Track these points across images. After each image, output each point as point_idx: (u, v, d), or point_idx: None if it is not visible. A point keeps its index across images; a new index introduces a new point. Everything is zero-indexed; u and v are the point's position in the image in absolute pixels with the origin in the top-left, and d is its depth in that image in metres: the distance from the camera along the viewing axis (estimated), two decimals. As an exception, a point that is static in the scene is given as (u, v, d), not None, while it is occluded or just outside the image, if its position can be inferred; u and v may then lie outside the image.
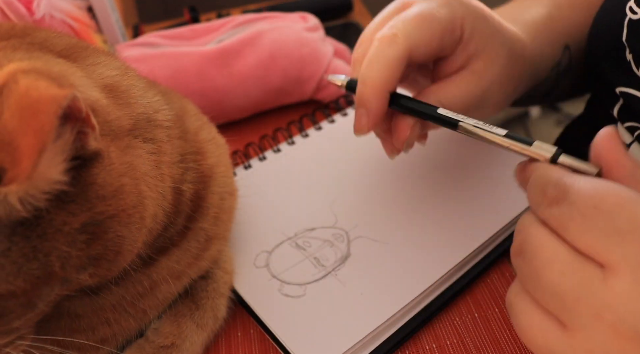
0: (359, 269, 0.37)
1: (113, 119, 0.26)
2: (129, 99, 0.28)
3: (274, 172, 0.46)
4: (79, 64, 0.27)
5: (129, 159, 0.25)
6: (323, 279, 0.36)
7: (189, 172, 0.32)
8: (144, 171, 0.26)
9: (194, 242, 0.33)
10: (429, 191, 0.41)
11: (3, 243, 0.21)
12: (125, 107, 0.27)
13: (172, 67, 0.50)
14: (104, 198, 0.23)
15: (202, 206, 0.33)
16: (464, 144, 0.45)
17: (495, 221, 0.38)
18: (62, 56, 0.27)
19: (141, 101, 0.29)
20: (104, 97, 0.26)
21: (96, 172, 0.23)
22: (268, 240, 0.40)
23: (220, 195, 0.35)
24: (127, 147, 0.26)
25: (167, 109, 0.31)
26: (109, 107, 0.26)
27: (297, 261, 0.38)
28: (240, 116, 0.54)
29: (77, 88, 0.23)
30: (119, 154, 0.25)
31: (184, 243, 0.32)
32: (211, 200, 0.34)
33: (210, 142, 0.35)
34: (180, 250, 0.32)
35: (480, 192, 0.40)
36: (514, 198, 0.39)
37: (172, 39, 0.54)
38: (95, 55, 0.29)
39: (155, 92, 0.32)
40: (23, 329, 0.24)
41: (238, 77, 0.51)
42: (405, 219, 0.39)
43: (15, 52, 0.24)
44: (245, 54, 0.52)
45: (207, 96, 0.51)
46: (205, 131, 0.36)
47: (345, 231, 0.39)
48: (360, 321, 0.33)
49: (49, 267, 0.22)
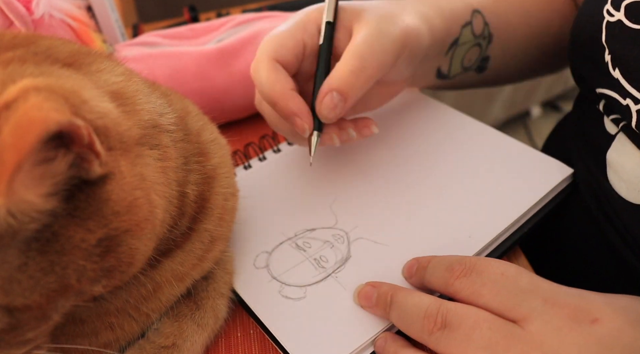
0: (359, 272, 0.37)
1: (124, 131, 0.26)
2: (135, 105, 0.28)
3: (274, 172, 0.46)
4: (85, 72, 0.27)
5: (139, 170, 0.25)
6: (323, 281, 0.36)
7: (192, 174, 0.32)
8: (153, 180, 0.26)
9: (198, 243, 0.33)
10: (430, 193, 0.41)
11: (19, 258, 0.21)
12: (133, 115, 0.27)
13: (172, 66, 0.50)
14: (118, 214, 0.24)
15: (206, 207, 0.33)
16: (465, 147, 0.45)
17: (497, 222, 0.38)
18: (67, 64, 0.27)
19: (147, 106, 0.29)
20: (114, 106, 0.26)
21: (110, 189, 0.23)
22: (268, 240, 0.40)
23: (224, 196, 0.35)
24: (136, 158, 0.26)
25: (170, 112, 0.31)
26: (119, 118, 0.26)
27: (297, 262, 0.38)
28: (240, 115, 0.54)
29: (88, 104, 0.23)
30: (129, 167, 0.25)
31: (187, 245, 0.32)
32: (215, 201, 0.34)
33: (212, 143, 0.35)
34: (184, 252, 0.32)
35: (481, 194, 0.41)
36: (516, 200, 0.39)
37: (171, 38, 0.54)
38: (99, 61, 0.29)
39: (158, 94, 0.31)
40: (39, 339, 0.24)
41: (238, 76, 0.51)
42: (406, 221, 0.39)
43: (25, 65, 0.24)
44: (245, 53, 0.52)
45: (206, 95, 0.51)
46: (207, 132, 0.36)
47: (346, 231, 0.39)
48: (361, 325, 0.33)
49: (66, 280, 0.23)
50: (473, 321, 0.28)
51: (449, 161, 0.44)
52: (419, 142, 0.46)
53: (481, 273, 0.30)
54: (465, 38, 0.45)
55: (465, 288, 0.30)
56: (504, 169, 0.42)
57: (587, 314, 0.27)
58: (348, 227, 0.40)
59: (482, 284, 0.29)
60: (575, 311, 0.27)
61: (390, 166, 0.44)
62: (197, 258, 0.33)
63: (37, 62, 0.25)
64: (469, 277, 0.30)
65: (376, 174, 0.44)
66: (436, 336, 0.29)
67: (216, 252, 0.35)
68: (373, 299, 0.33)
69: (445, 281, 0.31)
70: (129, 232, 0.24)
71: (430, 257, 0.34)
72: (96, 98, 0.25)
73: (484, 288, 0.29)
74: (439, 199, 0.41)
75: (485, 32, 0.46)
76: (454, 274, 0.31)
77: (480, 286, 0.29)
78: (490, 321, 0.28)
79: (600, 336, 0.26)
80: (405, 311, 0.31)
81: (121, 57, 0.49)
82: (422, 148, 0.45)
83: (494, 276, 0.29)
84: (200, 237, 0.33)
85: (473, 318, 0.28)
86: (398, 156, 0.45)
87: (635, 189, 0.35)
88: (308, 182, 0.44)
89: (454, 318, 0.29)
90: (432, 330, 0.29)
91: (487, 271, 0.30)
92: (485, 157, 0.43)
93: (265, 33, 0.52)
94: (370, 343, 0.33)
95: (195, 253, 0.33)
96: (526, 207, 0.39)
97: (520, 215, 0.38)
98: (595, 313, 0.27)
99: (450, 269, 0.31)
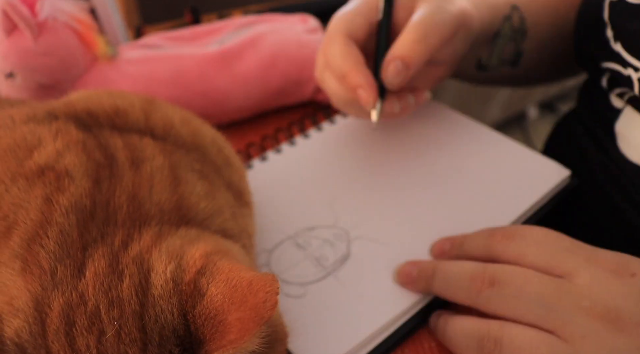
0: (359, 270, 0.37)
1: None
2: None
3: (275, 172, 0.46)
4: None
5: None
6: (323, 280, 0.37)
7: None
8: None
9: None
10: (430, 192, 0.42)
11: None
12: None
13: (174, 69, 0.50)
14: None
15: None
16: (467, 147, 0.45)
17: (495, 223, 0.38)
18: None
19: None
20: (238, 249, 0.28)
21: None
22: (269, 239, 0.40)
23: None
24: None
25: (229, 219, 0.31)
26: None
27: (297, 261, 0.38)
28: (241, 116, 0.54)
29: (237, 258, 0.25)
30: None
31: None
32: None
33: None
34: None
35: (479, 195, 0.41)
36: (514, 201, 0.40)
37: (173, 40, 0.55)
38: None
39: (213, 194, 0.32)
40: None
41: (239, 78, 0.52)
42: (405, 221, 0.40)
43: (179, 230, 0.26)
44: (246, 55, 0.52)
45: (208, 97, 0.51)
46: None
47: (346, 230, 0.40)
48: (361, 322, 0.34)
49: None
50: (523, 277, 0.30)
51: (446, 162, 0.44)
52: (417, 142, 0.47)
53: (525, 236, 0.32)
54: (505, 31, 0.47)
55: (510, 250, 0.32)
56: (502, 171, 0.43)
57: (627, 268, 0.29)
58: (348, 226, 0.40)
59: (527, 245, 0.31)
60: (616, 265, 0.29)
61: (389, 166, 0.45)
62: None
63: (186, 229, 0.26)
64: (513, 240, 0.32)
65: (376, 174, 0.44)
66: (486, 294, 0.30)
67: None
68: (414, 275, 0.35)
69: (488, 247, 0.33)
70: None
71: (463, 234, 0.36)
72: (242, 256, 0.27)
73: (528, 249, 0.31)
74: (437, 199, 0.41)
75: (522, 27, 0.47)
76: (496, 239, 0.33)
77: (525, 247, 0.31)
78: (540, 276, 0.30)
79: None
80: (450, 277, 0.32)
81: (125, 59, 0.50)
82: (420, 149, 0.46)
83: (538, 238, 0.31)
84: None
85: (522, 274, 0.30)
86: (397, 157, 0.46)
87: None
88: (308, 181, 0.45)
89: (502, 276, 0.30)
90: (481, 289, 0.30)
91: (530, 234, 0.32)
92: (484, 159, 0.44)
93: (266, 36, 0.53)
94: (369, 340, 0.34)
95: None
96: (524, 208, 0.39)
97: (518, 216, 0.39)
98: (633, 268, 0.29)
99: (492, 236, 0.33)
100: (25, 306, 0.21)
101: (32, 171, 0.24)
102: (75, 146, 0.26)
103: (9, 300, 0.21)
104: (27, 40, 0.44)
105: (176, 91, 0.50)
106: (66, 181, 0.24)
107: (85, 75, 0.49)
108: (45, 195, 0.24)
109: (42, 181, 0.24)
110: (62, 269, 0.22)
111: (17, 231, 0.23)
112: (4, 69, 0.45)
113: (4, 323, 0.21)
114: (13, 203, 0.23)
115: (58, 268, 0.22)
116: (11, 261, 0.22)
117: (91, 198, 0.24)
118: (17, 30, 0.44)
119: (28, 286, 0.21)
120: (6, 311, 0.21)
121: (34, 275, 0.22)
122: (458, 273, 0.32)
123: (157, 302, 0.22)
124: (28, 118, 0.27)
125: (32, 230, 0.23)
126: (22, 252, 0.22)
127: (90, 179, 0.25)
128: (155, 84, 0.50)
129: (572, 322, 0.28)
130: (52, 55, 0.46)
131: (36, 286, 0.21)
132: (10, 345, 0.20)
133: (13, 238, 0.23)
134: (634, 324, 0.27)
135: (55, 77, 0.47)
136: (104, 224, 0.24)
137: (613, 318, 0.27)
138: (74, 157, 0.25)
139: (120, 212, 0.24)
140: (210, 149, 0.32)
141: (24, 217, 0.23)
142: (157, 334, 0.21)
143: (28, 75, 0.46)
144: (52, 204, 0.23)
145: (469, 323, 0.31)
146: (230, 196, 0.31)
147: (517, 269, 0.30)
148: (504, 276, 0.30)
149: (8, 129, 0.26)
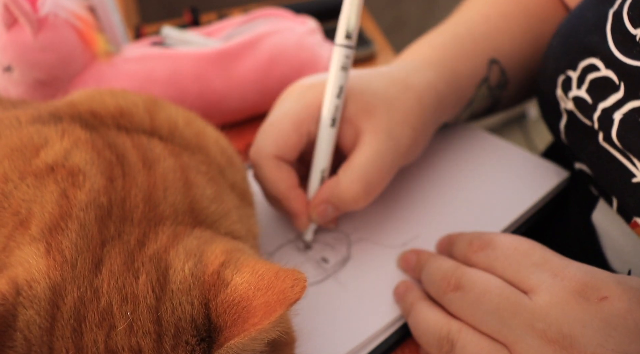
0: (359, 272, 0.37)
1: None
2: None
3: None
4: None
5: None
6: (324, 282, 0.37)
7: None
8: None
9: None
10: (431, 195, 0.42)
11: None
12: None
13: (171, 68, 0.50)
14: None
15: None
16: (468, 149, 0.46)
17: (494, 225, 0.39)
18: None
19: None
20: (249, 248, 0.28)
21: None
22: (270, 242, 0.40)
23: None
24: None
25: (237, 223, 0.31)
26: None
27: (298, 263, 0.38)
28: (237, 118, 0.54)
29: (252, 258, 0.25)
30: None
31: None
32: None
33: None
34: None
35: (478, 197, 0.41)
36: (513, 203, 0.40)
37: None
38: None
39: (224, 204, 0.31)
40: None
41: (236, 80, 0.52)
42: (406, 223, 0.40)
43: (194, 231, 0.26)
44: (245, 57, 0.52)
45: (204, 97, 0.51)
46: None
47: (346, 233, 0.40)
48: (361, 323, 0.34)
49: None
50: (485, 285, 0.30)
51: (445, 165, 0.45)
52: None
53: (495, 248, 0.32)
54: (480, 95, 0.44)
55: (481, 262, 0.32)
56: (501, 173, 0.43)
57: (596, 291, 0.27)
58: (349, 229, 0.40)
59: (495, 258, 0.31)
60: (584, 286, 0.27)
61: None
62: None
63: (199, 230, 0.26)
64: (485, 251, 0.32)
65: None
66: (449, 297, 0.31)
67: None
68: (413, 263, 0.36)
69: (465, 255, 0.33)
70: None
71: (459, 233, 0.36)
72: (250, 253, 0.27)
73: (496, 262, 0.31)
74: (436, 202, 0.41)
75: (502, 79, 0.45)
76: (472, 248, 0.33)
77: (493, 259, 0.31)
78: (501, 287, 0.29)
79: (607, 314, 0.26)
80: (429, 272, 0.33)
81: (123, 58, 0.50)
82: (424, 153, 0.46)
83: (507, 251, 0.31)
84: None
85: (485, 283, 0.30)
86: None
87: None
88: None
89: (467, 282, 0.30)
90: (446, 290, 0.31)
91: (501, 245, 0.32)
92: (482, 162, 0.44)
93: (266, 38, 0.53)
94: (369, 341, 0.34)
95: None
96: (522, 210, 0.40)
97: (516, 218, 0.39)
98: (604, 290, 0.27)
99: (470, 244, 0.33)
100: (42, 295, 0.21)
101: (39, 169, 0.24)
102: (84, 145, 0.25)
103: (29, 281, 0.21)
104: (26, 35, 0.44)
105: (172, 90, 0.50)
106: (80, 178, 0.24)
107: (82, 73, 0.48)
108: (61, 190, 0.23)
109: (54, 178, 0.24)
110: (82, 263, 0.22)
111: (35, 221, 0.23)
112: (2, 63, 0.45)
113: (19, 311, 0.20)
114: (24, 199, 0.23)
115: (78, 261, 0.22)
116: (35, 242, 0.22)
117: (107, 196, 0.24)
118: (17, 25, 0.44)
119: (50, 272, 0.21)
120: (25, 294, 0.21)
121: (56, 262, 0.21)
122: (436, 269, 0.33)
123: (175, 295, 0.22)
124: (34, 119, 0.27)
125: (53, 221, 0.23)
126: (46, 238, 0.22)
127: (104, 176, 0.25)
128: (151, 84, 0.49)
129: (523, 341, 0.27)
130: (51, 52, 0.45)
131: (57, 275, 0.21)
132: (19, 339, 0.20)
133: (32, 228, 0.23)
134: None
135: (53, 73, 0.47)
136: (120, 222, 0.24)
137: (566, 345, 0.26)
138: (84, 154, 0.25)
139: (136, 211, 0.24)
140: (213, 150, 0.32)
141: (40, 211, 0.23)
142: (173, 326, 0.21)
143: (26, 70, 0.45)
144: (69, 199, 0.23)
145: (434, 317, 0.31)
146: (235, 197, 0.31)
147: (483, 277, 0.30)
148: (469, 283, 0.30)
149: (15, 129, 0.26)
